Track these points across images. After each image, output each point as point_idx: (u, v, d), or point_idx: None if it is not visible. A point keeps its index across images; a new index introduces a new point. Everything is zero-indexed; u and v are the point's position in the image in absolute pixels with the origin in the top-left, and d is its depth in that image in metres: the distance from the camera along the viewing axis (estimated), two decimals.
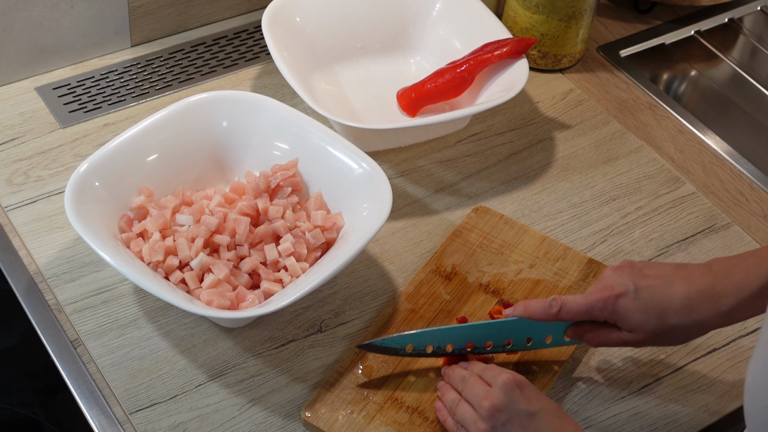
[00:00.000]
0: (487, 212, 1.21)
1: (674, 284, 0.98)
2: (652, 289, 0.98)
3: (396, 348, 1.03)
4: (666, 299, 0.97)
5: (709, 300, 0.97)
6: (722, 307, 0.97)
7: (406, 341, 1.03)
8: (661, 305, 0.97)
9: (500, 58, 1.28)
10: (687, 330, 0.98)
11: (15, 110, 1.29)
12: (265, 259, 1.08)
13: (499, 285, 1.15)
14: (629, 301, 0.98)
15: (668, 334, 0.98)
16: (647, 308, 0.97)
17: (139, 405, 1.03)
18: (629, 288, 0.98)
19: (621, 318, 0.99)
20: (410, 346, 1.03)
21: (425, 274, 1.15)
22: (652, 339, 0.99)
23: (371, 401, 1.03)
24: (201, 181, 1.17)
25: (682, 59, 1.53)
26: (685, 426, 1.06)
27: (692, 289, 0.97)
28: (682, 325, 0.98)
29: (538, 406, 0.94)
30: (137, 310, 1.10)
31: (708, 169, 1.33)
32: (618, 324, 1.00)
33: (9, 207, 1.19)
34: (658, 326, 0.98)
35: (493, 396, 0.95)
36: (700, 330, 0.99)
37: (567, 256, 1.17)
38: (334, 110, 1.29)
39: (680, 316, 0.97)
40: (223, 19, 1.44)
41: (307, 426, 1.02)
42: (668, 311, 0.97)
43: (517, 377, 0.96)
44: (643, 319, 0.98)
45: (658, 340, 1.00)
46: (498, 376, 0.96)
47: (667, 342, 1.01)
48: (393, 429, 1.02)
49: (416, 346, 1.03)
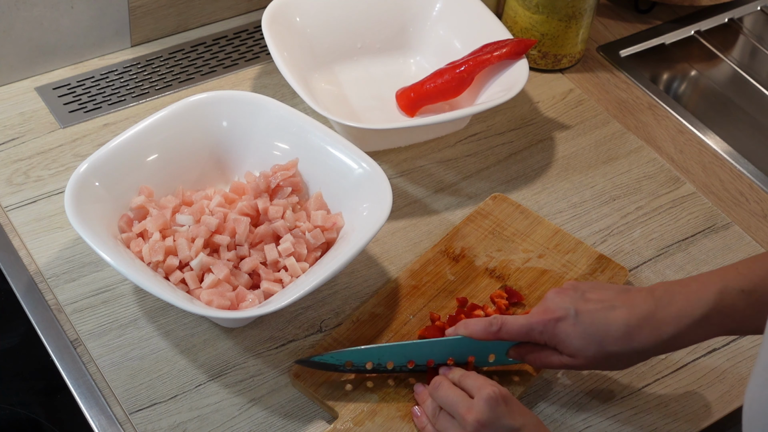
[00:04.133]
0: (504, 200, 1.22)
1: (615, 309, 0.97)
2: (592, 314, 0.97)
3: (335, 364, 1.02)
4: (605, 325, 0.96)
5: (650, 327, 0.96)
6: (663, 335, 0.96)
7: (345, 358, 1.02)
8: (601, 331, 0.96)
9: (500, 59, 1.28)
10: (628, 357, 0.97)
11: (15, 110, 1.29)
12: (265, 259, 1.08)
13: (505, 271, 1.15)
14: (569, 326, 0.97)
15: (608, 360, 0.98)
16: (586, 334, 0.97)
17: (139, 405, 1.03)
18: (569, 312, 0.98)
19: (561, 342, 0.98)
20: (350, 362, 1.02)
21: (433, 253, 1.16)
22: (593, 364, 0.99)
23: None
24: (201, 181, 1.17)
25: (682, 59, 1.53)
26: (685, 426, 1.06)
27: (633, 315, 0.96)
28: (623, 353, 0.97)
29: (521, 421, 0.94)
30: (137, 310, 1.10)
31: (708, 169, 1.33)
32: (558, 348, 0.99)
33: (9, 207, 1.19)
34: (597, 352, 0.97)
35: (477, 410, 0.94)
36: (640, 357, 0.98)
37: (578, 250, 1.18)
38: (334, 110, 1.29)
39: (620, 343, 0.96)
40: (223, 19, 1.44)
41: (295, 385, 1.05)
42: (608, 338, 0.96)
43: (502, 390, 0.95)
44: (582, 345, 0.97)
45: (599, 366, 0.99)
46: (482, 389, 0.95)
47: (609, 367, 1.00)
48: (378, 397, 1.03)
49: (356, 363, 1.02)
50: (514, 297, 1.12)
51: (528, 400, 1.06)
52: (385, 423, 1.02)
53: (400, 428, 1.01)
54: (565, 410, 1.06)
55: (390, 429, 1.01)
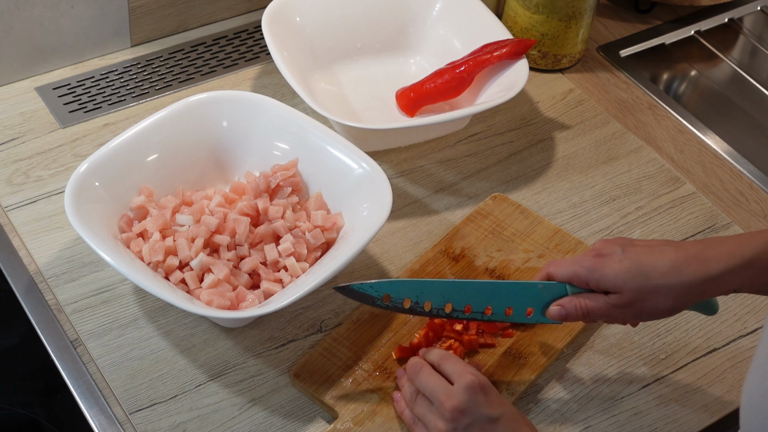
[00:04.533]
0: (504, 200, 1.22)
1: (663, 251, 0.96)
2: (639, 253, 0.96)
3: (373, 296, 1.00)
4: (653, 261, 0.95)
5: (698, 263, 0.95)
6: (711, 271, 0.94)
7: (384, 290, 1.00)
8: (648, 265, 0.95)
9: (499, 59, 1.28)
10: (675, 293, 0.95)
11: (15, 110, 1.29)
12: (265, 259, 1.08)
13: (505, 271, 1.15)
14: (615, 261, 0.96)
15: (654, 296, 0.95)
16: (633, 267, 0.95)
17: (139, 405, 1.03)
18: (616, 250, 0.97)
19: (604, 278, 0.96)
20: (388, 296, 1.00)
21: (434, 253, 1.16)
22: (638, 302, 0.96)
23: (360, 368, 1.05)
24: (201, 181, 1.17)
25: (682, 59, 1.53)
26: (685, 426, 1.06)
27: (680, 254, 0.95)
28: (669, 286, 0.95)
29: (500, 411, 0.94)
30: (137, 310, 1.10)
31: (708, 169, 1.33)
32: (601, 285, 0.97)
33: (9, 207, 1.19)
34: (643, 285, 0.95)
35: (456, 397, 0.94)
36: (687, 295, 0.95)
37: (578, 250, 1.18)
38: (334, 110, 1.30)
39: (666, 276, 0.95)
40: (223, 19, 1.44)
41: (295, 385, 1.04)
42: (654, 271, 0.95)
43: (481, 379, 0.95)
44: (627, 277, 0.95)
45: (644, 306, 0.96)
46: (462, 376, 0.95)
47: (653, 310, 0.96)
48: (378, 397, 1.03)
49: (394, 298, 1.00)
50: None
51: (528, 400, 1.06)
52: (385, 423, 1.02)
53: (400, 428, 1.01)
54: (565, 410, 1.06)
55: (390, 429, 1.01)
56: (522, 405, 1.06)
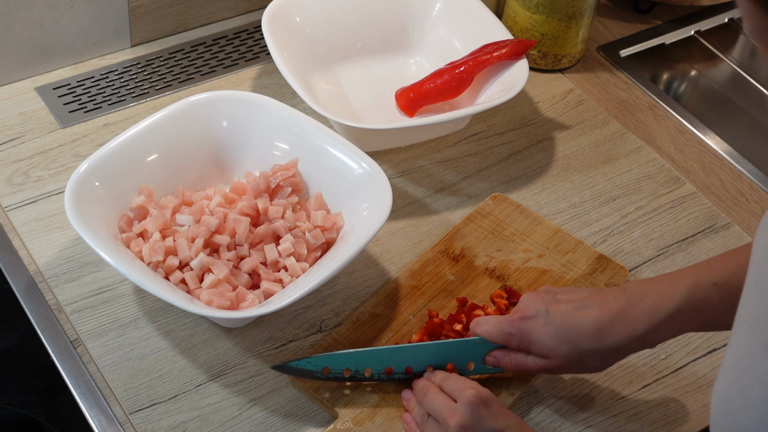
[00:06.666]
0: (504, 200, 1.22)
1: (586, 308, 0.97)
2: (563, 313, 0.97)
3: (312, 371, 1.02)
4: (577, 324, 0.96)
5: (622, 324, 0.95)
6: (635, 331, 0.95)
7: (322, 364, 1.01)
8: (573, 329, 0.96)
9: (499, 60, 1.28)
10: (602, 355, 0.97)
11: (15, 110, 1.29)
12: (265, 259, 1.08)
13: (505, 271, 1.15)
14: (540, 325, 0.97)
15: (582, 360, 0.97)
16: (558, 333, 0.96)
17: (139, 405, 1.03)
18: (540, 311, 0.98)
19: (533, 343, 0.98)
20: (327, 369, 1.01)
21: (434, 253, 1.16)
22: (568, 366, 0.98)
23: None
24: (201, 181, 1.17)
25: (682, 59, 1.53)
26: (685, 426, 1.06)
27: (604, 313, 0.96)
28: (596, 350, 0.96)
29: (504, 423, 0.94)
30: (137, 310, 1.10)
31: (708, 169, 1.33)
32: (531, 351, 0.98)
33: (9, 207, 1.19)
34: (570, 351, 0.96)
35: (459, 414, 0.94)
36: (616, 355, 0.97)
37: (578, 250, 1.18)
38: (334, 110, 1.30)
39: (592, 341, 0.96)
40: (223, 19, 1.44)
41: (295, 385, 1.05)
42: (580, 336, 0.96)
43: (482, 393, 0.95)
44: (554, 344, 0.97)
45: (574, 367, 0.98)
46: (463, 392, 0.95)
47: (584, 369, 0.99)
48: (378, 397, 1.03)
49: (333, 369, 1.01)
50: (514, 297, 1.12)
51: (527, 401, 1.06)
52: (385, 423, 1.02)
53: (400, 428, 1.01)
54: (564, 411, 1.06)
55: (390, 429, 1.01)
56: (522, 405, 1.06)
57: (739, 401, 0.69)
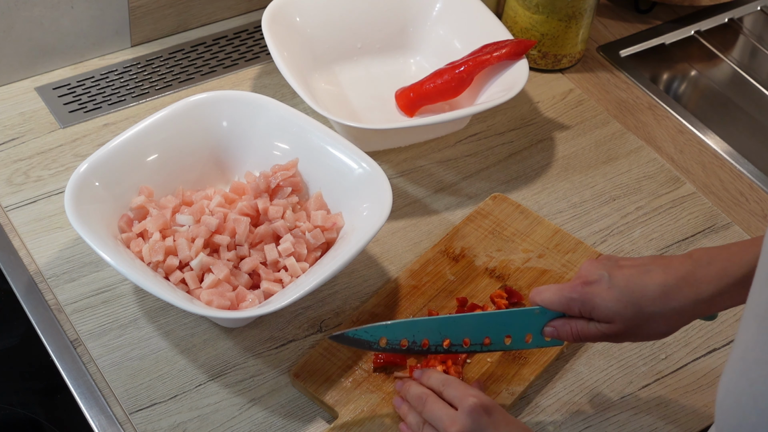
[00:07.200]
0: (504, 200, 1.23)
1: (651, 272, 0.94)
2: (627, 277, 0.94)
3: (369, 341, 0.99)
4: (642, 286, 0.93)
5: (689, 286, 0.93)
6: (702, 294, 0.93)
7: (379, 334, 0.99)
8: (637, 293, 0.93)
9: (499, 60, 1.28)
10: (667, 319, 0.94)
11: (15, 110, 1.29)
12: (265, 259, 1.08)
13: (505, 271, 1.15)
14: (603, 289, 0.94)
15: (647, 323, 0.94)
16: (622, 296, 0.93)
17: (139, 405, 1.03)
18: (603, 276, 0.95)
19: (596, 308, 0.95)
20: (384, 339, 0.99)
21: (433, 253, 1.16)
22: (631, 330, 0.95)
23: (360, 368, 1.05)
24: (201, 181, 1.17)
25: (682, 59, 1.53)
26: (685, 426, 1.06)
27: (670, 276, 0.93)
28: (661, 313, 0.93)
29: (506, 431, 0.92)
30: (137, 310, 1.10)
31: (708, 169, 1.33)
32: (594, 316, 0.95)
33: (9, 207, 1.19)
34: (635, 315, 0.94)
35: (461, 422, 0.92)
36: (681, 319, 0.94)
37: (578, 250, 1.18)
38: (334, 110, 1.30)
39: (658, 303, 0.93)
40: (223, 19, 1.44)
41: (295, 385, 1.05)
42: (644, 298, 0.93)
43: (484, 400, 0.93)
44: (618, 308, 0.93)
45: (638, 332, 0.95)
46: (464, 400, 0.93)
47: (647, 335, 0.96)
48: (378, 397, 1.03)
49: (390, 340, 0.99)
50: (514, 297, 1.12)
51: (528, 400, 1.06)
52: (385, 423, 1.02)
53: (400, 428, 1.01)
54: (565, 410, 1.06)
55: (390, 429, 1.01)
56: (522, 405, 1.06)
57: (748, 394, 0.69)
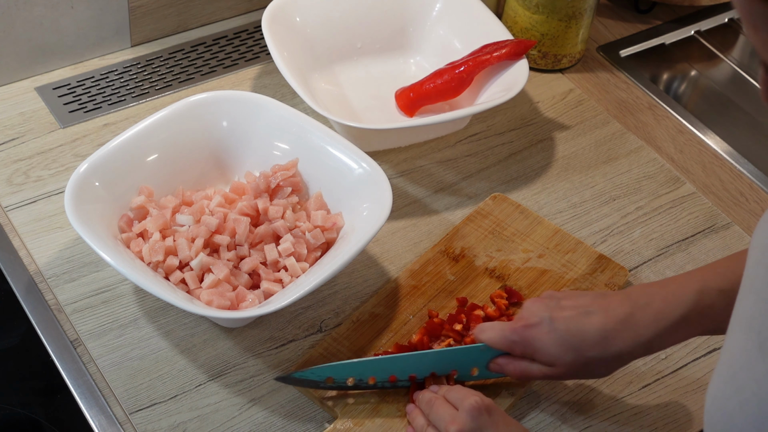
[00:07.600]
0: (504, 200, 1.23)
1: (591, 315, 0.95)
2: (567, 321, 0.96)
3: (316, 381, 1.01)
4: (582, 331, 0.95)
5: (627, 330, 0.94)
6: (641, 337, 0.94)
7: (325, 374, 1.01)
8: (577, 337, 0.95)
9: (499, 60, 1.28)
10: (606, 362, 0.96)
11: (15, 110, 1.29)
12: (265, 259, 1.08)
13: (505, 271, 1.15)
14: (544, 333, 0.96)
15: (587, 367, 0.96)
16: (563, 340, 0.95)
17: (139, 405, 1.03)
18: (544, 319, 0.96)
19: (537, 351, 0.97)
20: (330, 378, 1.01)
21: (433, 253, 1.16)
22: (572, 373, 0.97)
23: None
24: (201, 181, 1.17)
25: (682, 59, 1.53)
26: (685, 426, 1.06)
27: (609, 319, 0.95)
28: (600, 358, 0.95)
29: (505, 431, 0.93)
30: (137, 310, 1.10)
31: (708, 169, 1.33)
32: (535, 358, 0.97)
33: (9, 207, 1.19)
34: (575, 359, 0.95)
35: (460, 421, 0.93)
36: (620, 362, 0.96)
37: (578, 250, 1.18)
38: (334, 110, 1.30)
39: (597, 348, 0.95)
40: (223, 19, 1.44)
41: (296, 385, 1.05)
42: (584, 343, 0.95)
43: (485, 401, 0.94)
44: (559, 352, 0.95)
45: (579, 374, 0.98)
46: (465, 400, 0.94)
47: (589, 375, 0.99)
48: (378, 396, 1.03)
49: (336, 379, 1.01)
50: (514, 297, 1.12)
51: (527, 401, 1.06)
52: (385, 423, 1.02)
53: (400, 428, 1.01)
54: (564, 412, 1.06)
55: (390, 429, 1.01)
56: (522, 406, 1.06)
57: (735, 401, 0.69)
